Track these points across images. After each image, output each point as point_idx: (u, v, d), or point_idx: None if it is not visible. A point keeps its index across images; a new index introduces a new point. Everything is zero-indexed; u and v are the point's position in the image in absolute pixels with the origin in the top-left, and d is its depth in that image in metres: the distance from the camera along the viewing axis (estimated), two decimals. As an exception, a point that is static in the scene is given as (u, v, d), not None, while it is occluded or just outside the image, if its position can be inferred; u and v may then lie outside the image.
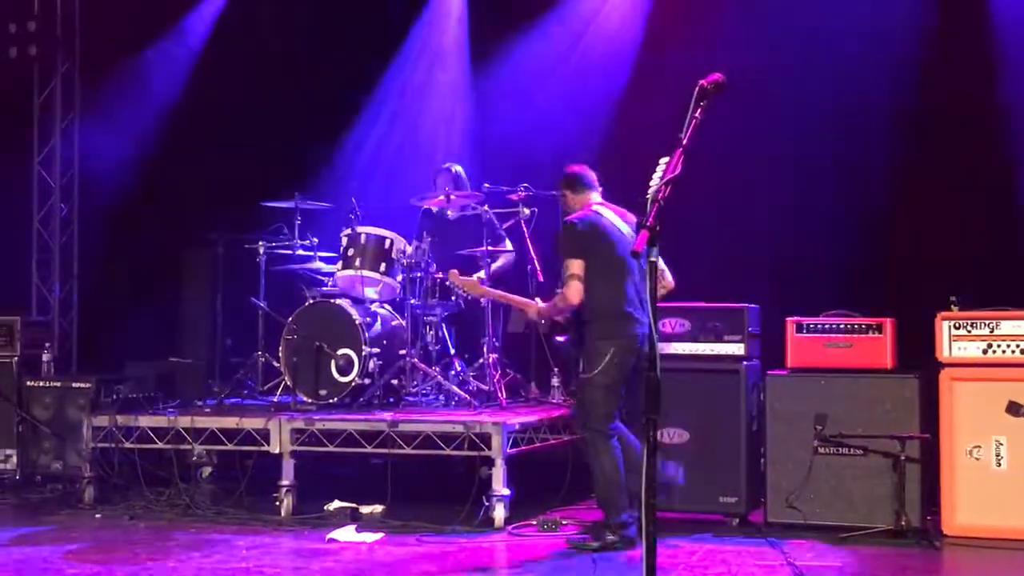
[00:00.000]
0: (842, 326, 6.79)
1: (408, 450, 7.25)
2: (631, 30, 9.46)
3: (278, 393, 8.32)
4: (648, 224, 3.56)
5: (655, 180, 3.69)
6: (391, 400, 8.10)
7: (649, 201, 3.64)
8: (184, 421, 7.75)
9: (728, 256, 8.58)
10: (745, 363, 6.89)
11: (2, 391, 8.69)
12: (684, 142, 3.76)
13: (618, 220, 6.55)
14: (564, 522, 7.00)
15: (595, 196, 6.69)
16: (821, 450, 6.65)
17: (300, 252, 8.65)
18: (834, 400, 6.68)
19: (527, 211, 8.23)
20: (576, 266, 6.28)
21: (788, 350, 6.88)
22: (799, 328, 6.86)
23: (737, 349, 6.91)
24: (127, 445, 7.89)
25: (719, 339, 6.94)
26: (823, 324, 6.84)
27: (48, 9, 10.98)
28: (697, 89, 3.87)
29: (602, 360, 6.25)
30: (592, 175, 6.76)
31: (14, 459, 8.62)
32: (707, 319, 6.95)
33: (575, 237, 6.40)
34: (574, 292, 6.27)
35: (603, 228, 6.44)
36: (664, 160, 3.73)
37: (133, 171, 10.45)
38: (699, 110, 3.84)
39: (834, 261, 8.28)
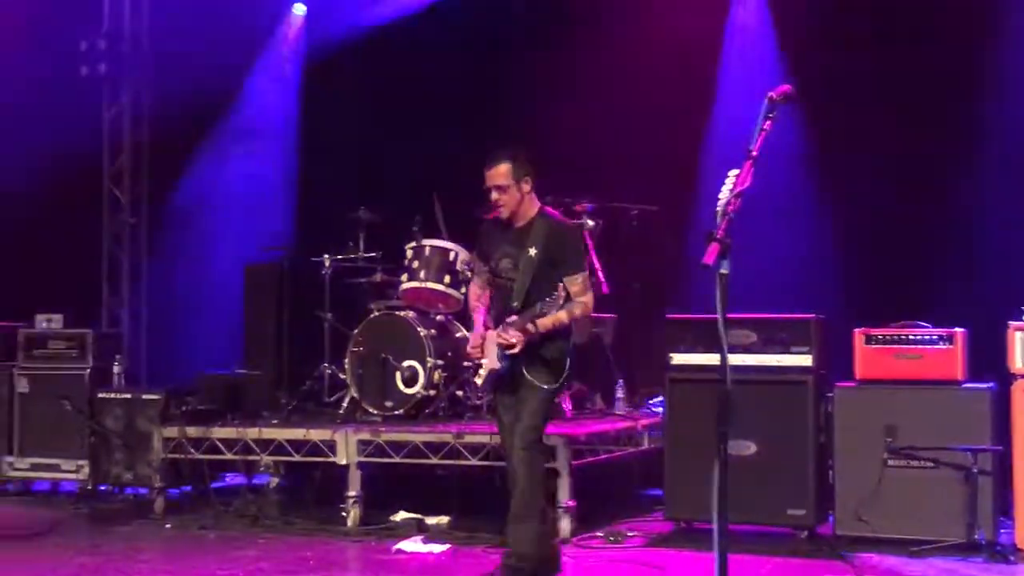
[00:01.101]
0: (911, 337, 6.68)
1: (473, 461, 7.24)
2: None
3: (344, 405, 8.35)
4: (718, 236, 3.53)
5: (724, 192, 3.66)
6: (456, 411, 8.10)
7: (719, 213, 3.61)
8: (252, 432, 7.83)
9: (796, 266, 8.49)
10: (813, 374, 6.76)
11: (75, 403, 8.80)
12: (754, 154, 3.73)
13: None
14: (630, 534, 6.98)
15: None
16: (891, 462, 6.54)
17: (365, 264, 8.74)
18: (904, 412, 6.57)
19: (591, 223, 8.18)
20: (587, 275, 5.79)
21: (856, 361, 6.77)
22: (868, 339, 6.75)
23: (805, 360, 6.77)
24: (196, 456, 7.99)
25: (786, 350, 6.82)
26: (892, 335, 6.72)
27: (117, 27, 11.16)
28: (766, 101, 3.83)
29: (564, 373, 5.75)
30: None
31: (86, 469, 8.74)
32: (774, 330, 6.83)
33: (583, 244, 5.95)
34: (592, 302, 5.80)
35: None
36: (733, 172, 3.69)
37: (200, 186, 10.58)
38: (768, 122, 3.81)
39: (904, 270, 8.17)
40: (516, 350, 5.50)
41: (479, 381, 5.80)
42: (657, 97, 9.03)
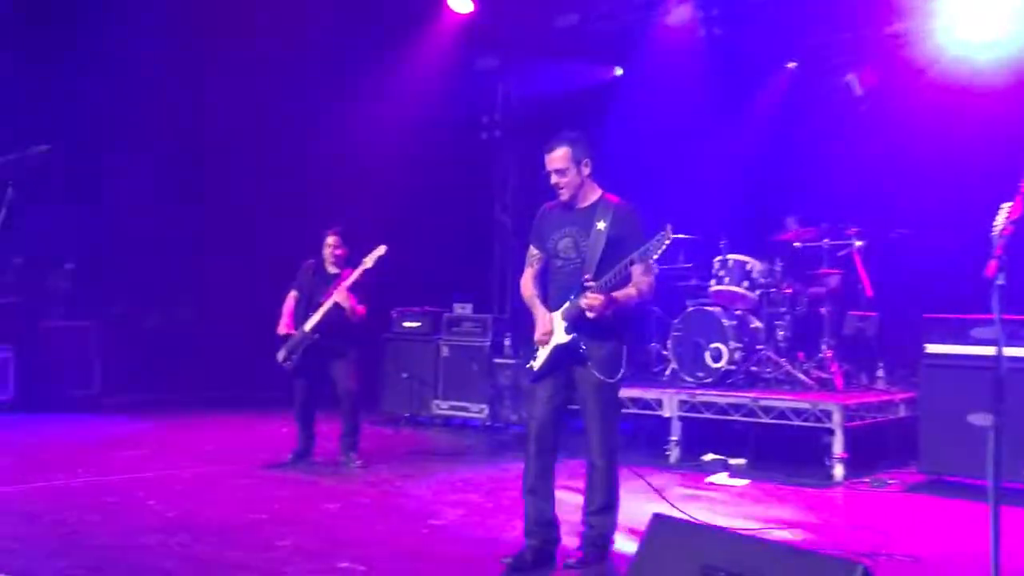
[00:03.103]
0: None
1: (767, 420, 7.05)
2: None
3: (667, 373, 8.33)
4: (997, 255, 3.30)
5: (999, 220, 3.40)
6: (751, 382, 7.89)
7: (996, 237, 3.36)
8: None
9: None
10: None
11: (479, 365, 9.20)
12: (1022, 189, 3.45)
13: None
14: (890, 481, 6.57)
15: None
16: None
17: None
18: None
19: (859, 243, 7.79)
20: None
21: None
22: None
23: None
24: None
25: (1025, 343, 6.21)
26: None
27: (506, 105, 11.62)
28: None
29: (623, 367, 4.38)
30: None
31: (486, 411, 9.06)
32: (1018, 327, 6.18)
33: (644, 226, 4.43)
34: (654, 285, 4.47)
35: None
36: (1006, 205, 3.43)
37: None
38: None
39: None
40: (594, 313, 4.17)
41: (536, 365, 4.43)
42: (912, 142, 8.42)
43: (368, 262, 6.86)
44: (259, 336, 7.75)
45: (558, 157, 4.40)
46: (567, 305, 4.31)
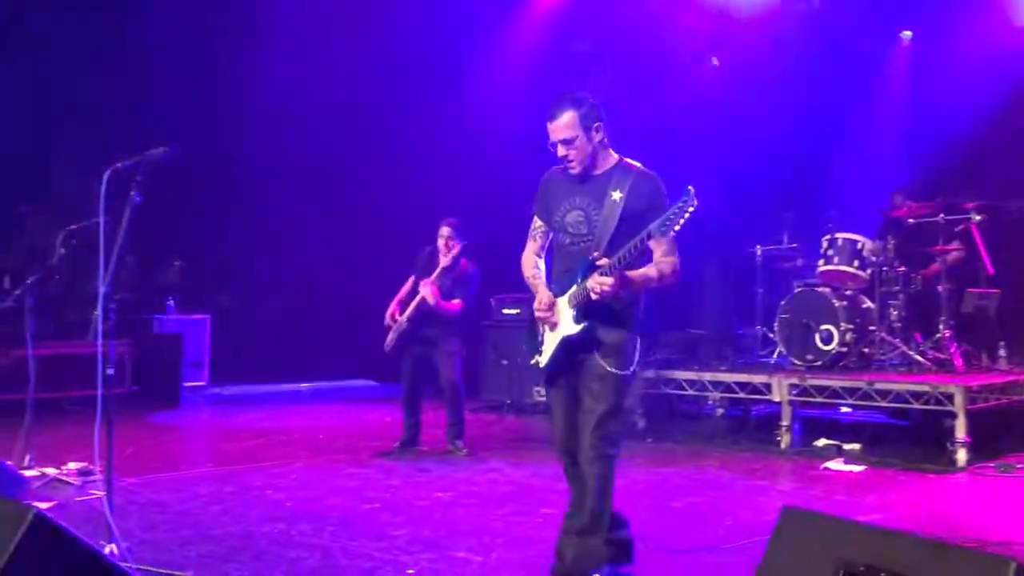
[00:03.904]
0: None
1: (883, 403, 6.82)
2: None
3: (774, 357, 8.14)
4: None
5: None
6: (864, 364, 7.64)
7: None
8: (707, 375, 7.79)
9: None
10: None
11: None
12: None
13: None
14: (1018, 465, 6.28)
15: None
16: None
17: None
18: None
19: (977, 217, 7.44)
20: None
21: None
22: None
23: None
24: (667, 391, 8.06)
25: None
26: None
27: (598, 89, 11.46)
28: None
29: (635, 359, 3.68)
30: None
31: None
32: None
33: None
34: (679, 266, 3.67)
35: None
36: None
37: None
38: None
39: None
40: (602, 297, 3.46)
41: (543, 361, 3.74)
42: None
43: (444, 261, 6.88)
44: (366, 325, 7.86)
45: (563, 125, 3.61)
46: (574, 289, 3.61)
